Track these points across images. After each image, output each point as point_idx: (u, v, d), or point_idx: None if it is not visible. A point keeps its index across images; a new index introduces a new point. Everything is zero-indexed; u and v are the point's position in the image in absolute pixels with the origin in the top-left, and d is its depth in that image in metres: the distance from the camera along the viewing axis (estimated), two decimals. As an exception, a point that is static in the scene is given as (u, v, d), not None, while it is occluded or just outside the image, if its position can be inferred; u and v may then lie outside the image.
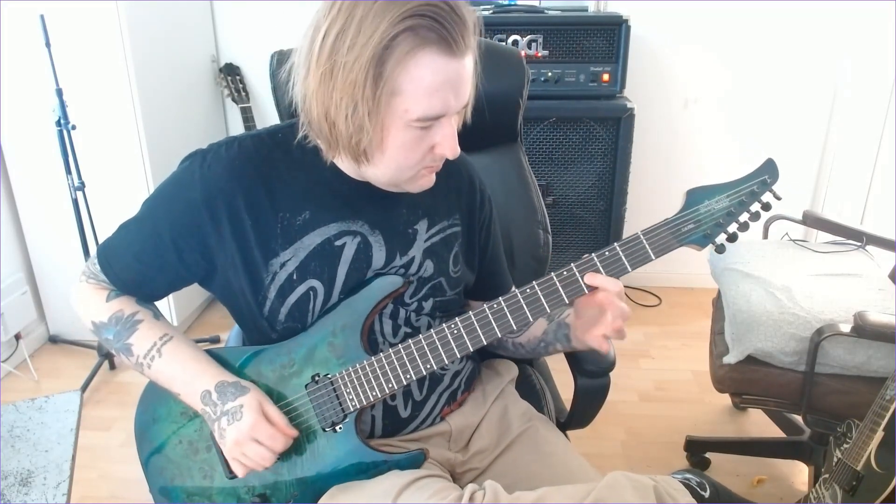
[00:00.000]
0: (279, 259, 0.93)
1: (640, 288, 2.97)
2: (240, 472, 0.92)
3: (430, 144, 0.87)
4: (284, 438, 0.90)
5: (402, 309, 1.00)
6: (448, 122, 0.86)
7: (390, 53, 0.78)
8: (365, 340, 0.95)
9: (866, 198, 2.72)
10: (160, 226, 0.94)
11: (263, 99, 2.79)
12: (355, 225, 0.96)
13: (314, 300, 0.95)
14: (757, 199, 0.88)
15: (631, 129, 2.41)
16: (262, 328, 0.97)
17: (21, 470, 1.04)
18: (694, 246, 0.90)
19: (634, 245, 0.88)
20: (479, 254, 1.11)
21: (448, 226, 1.04)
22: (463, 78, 0.84)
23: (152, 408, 1.02)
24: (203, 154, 0.94)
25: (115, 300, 0.99)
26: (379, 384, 0.93)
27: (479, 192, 1.09)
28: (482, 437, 1.08)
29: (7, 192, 2.41)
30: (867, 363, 1.49)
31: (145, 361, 0.96)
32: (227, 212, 0.91)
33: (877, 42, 2.53)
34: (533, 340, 1.11)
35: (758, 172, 0.89)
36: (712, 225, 0.88)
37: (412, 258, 0.99)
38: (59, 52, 2.04)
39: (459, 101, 0.85)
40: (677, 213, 0.89)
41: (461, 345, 0.92)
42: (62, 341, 2.59)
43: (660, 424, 2.13)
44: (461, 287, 1.07)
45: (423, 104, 0.81)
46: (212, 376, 0.94)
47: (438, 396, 1.05)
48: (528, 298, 0.90)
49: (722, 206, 0.88)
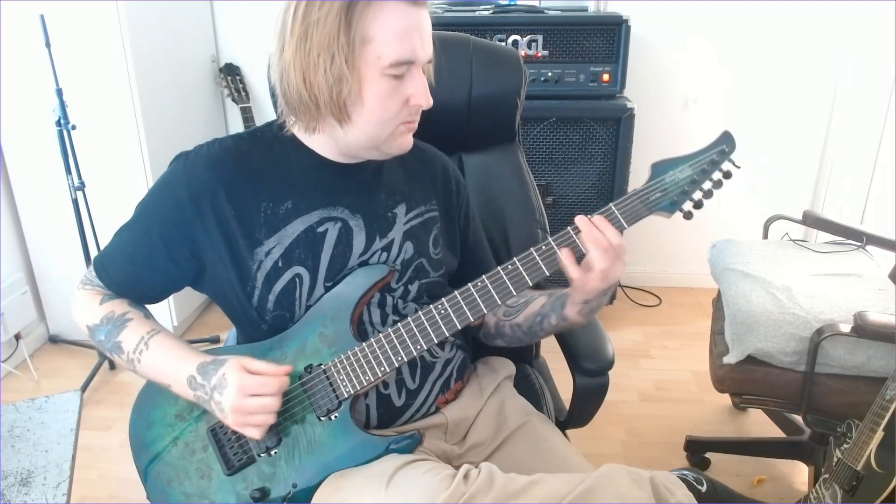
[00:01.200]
0: (264, 248, 0.96)
1: (640, 288, 2.97)
2: (256, 434, 0.91)
3: (405, 96, 0.92)
4: (276, 380, 0.90)
5: (388, 296, 1.02)
6: (419, 71, 0.92)
7: (357, 1, 0.86)
8: (355, 330, 0.97)
9: (866, 198, 2.72)
10: (150, 226, 0.99)
11: (263, 99, 2.79)
12: (336, 211, 1.00)
13: (300, 287, 0.97)
14: (717, 167, 0.93)
15: (631, 129, 2.41)
16: (253, 319, 0.99)
17: (21, 470, 1.04)
18: (663, 213, 0.94)
19: (608, 215, 0.93)
20: (461, 239, 1.16)
21: (425, 210, 1.08)
22: (425, 27, 0.91)
23: (147, 413, 1.03)
24: (186, 154, 1.00)
25: (107, 303, 1.02)
26: (371, 368, 0.94)
27: (453, 179, 1.14)
28: (479, 431, 1.09)
29: (7, 192, 2.41)
30: (867, 363, 1.49)
31: (135, 357, 0.98)
32: (211, 205, 0.96)
33: (877, 42, 2.53)
34: (530, 318, 1.11)
35: (716, 143, 0.94)
36: (678, 192, 0.93)
37: (392, 240, 1.02)
38: (59, 52, 2.04)
39: (425, 50, 0.91)
40: (645, 184, 0.94)
41: (448, 323, 0.94)
42: (62, 341, 2.59)
43: (660, 424, 2.13)
44: (444, 270, 1.09)
45: (394, 48, 0.88)
46: (192, 361, 0.95)
47: (432, 385, 1.06)
48: (510, 273, 0.94)
49: (686, 174, 0.93)
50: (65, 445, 1.08)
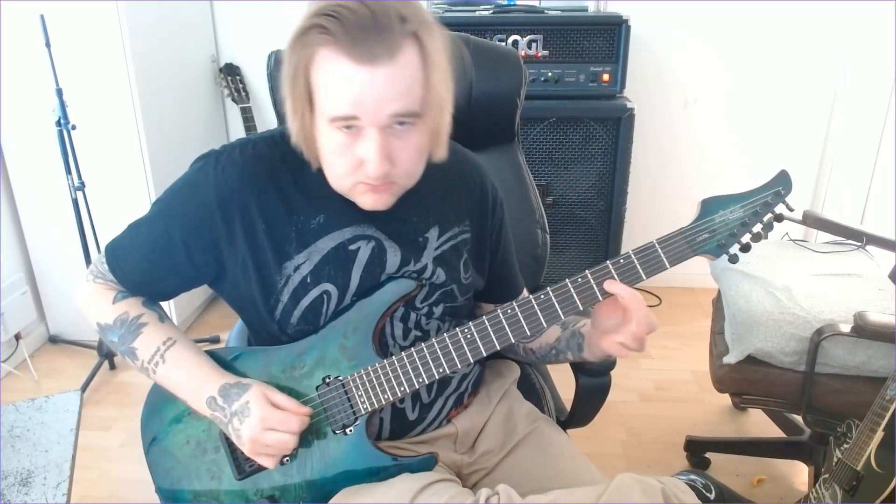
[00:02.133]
0: (293, 262, 0.93)
1: (639, 288, 2.94)
2: (269, 464, 0.91)
3: (357, 157, 0.83)
4: (298, 419, 0.89)
5: (412, 313, 0.99)
6: (372, 133, 0.81)
7: (302, 47, 0.79)
8: (376, 343, 0.94)
9: (866, 198, 2.72)
10: (172, 227, 0.94)
11: (263, 99, 2.79)
12: (370, 230, 0.95)
13: (328, 303, 0.94)
14: (771, 210, 0.88)
15: (631, 129, 2.40)
16: (273, 331, 0.97)
17: (21, 470, 1.04)
18: (708, 256, 0.89)
19: (649, 253, 0.88)
20: (490, 258, 1.09)
21: (459, 232, 1.02)
22: (379, 87, 0.78)
23: (158, 407, 1.02)
24: (217, 156, 0.93)
25: (121, 302, 0.99)
26: (391, 387, 0.92)
27: (490, 197, 1.07)
28: (488, 439, 1.08)
29: (7, 192, 2.41)
30: (867, 363, 1.49)
31: (150, 367, 0.96)
32: (241, 215, 0.91)
33: (877, 42, 2.53)
34: (545, 347, 1.09)
35: (772, 183, 0.89)
36: (727, 235, 0.88)
37: (425, 265, 0.98)
38: (59, 52, 2.04)
39: (381, 109, 0.79)
40: (692, 222, 0.88)
41: (474, 349, 0.91)
42: (62, 341, 2.59)
43: (660, 424, 2.13)
44: (472, 293, 1.06)
45: (332, 104, 0.80)
46: (215, 381, 0.93)
47: (446, 399, 1.05)
48: (542, 304, 0.89)
49: (736, 216, 0.88)
50: (65, 445, 1.08)
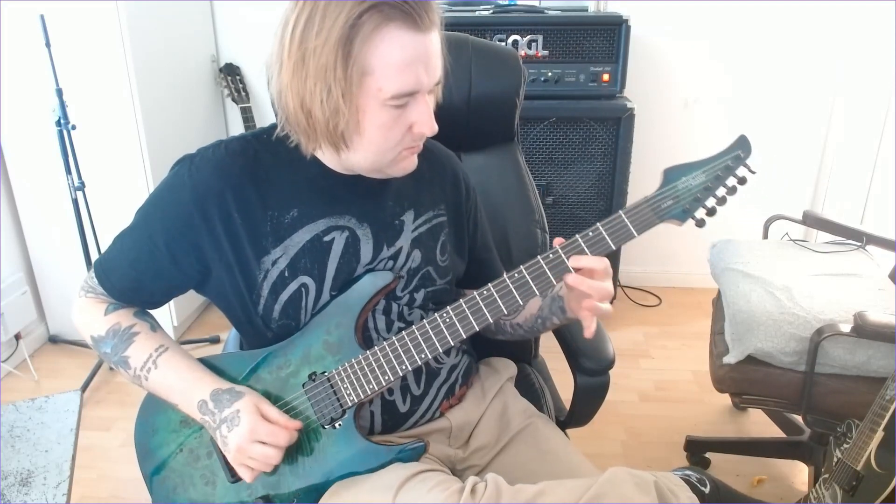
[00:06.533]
0: (270, 257, 0.94)
1: (640, 288, 2.97)
2: (247, 476, 0.92)
3: (408, 124, 0.88)
4: (286, 433, 0.90)
5: (394, 304, 1.01)
6: (423, 98, 0.87)
7: (357, 32, 0.81)
8: (359, 337, 0.96)
9: (866, 198, 2.71)
10: (154, 231, 0.95)
11: (263, 99, 2.79)
12: (343, 220, 0.97)
13: (306, 297, 0.96)
14: (732, 173, 0.90)
15: (631, 129, 2.41)
16: (258, 327, 0.98)
17: (21, 470, 1.04)
18: (674, 221, 0.90)
19: (617, 223, 0.89)
20: (470, 243, 1.13)
21: (434, 216, 1.06)
22: (431, 53, 0.86)
23: (152, 419, 1.02)
24: (191, 158, 0.95)
25: (112, 313, 1.00)
26: (375, 377, 0.93)
27: (463, 183, 1.12)
28: (482, 434, 1.09)
29: (7, 192, 2.41)
30: (867, 363, 1.49)
31: (142, 374, 0.96)
32: (219, 211, 0.92)
33: (877, 42, 2.53)
34: (530, 319, 1.11)
35: (732, 148, 0.91)
36: (691, 200, 0.90)
37: (399, 248, 1.00)
38: (59, 52, 2.04)
39: (431, 76, 0.86)
40: (656, 191, 0.90)
41: (454, 332, 0.93)
42: (62, 341, 2.59)
43: (660, 424, 2.13)
44: (451, 276, 1.08)
45: (395, 81, 0.83)
46: (207, 385, 0.94)
47: (437, 391, 1.05)
48: (516, 282, 0.91)
49: (699, 181, 0.90)
50: (65, 445, 1.08)
